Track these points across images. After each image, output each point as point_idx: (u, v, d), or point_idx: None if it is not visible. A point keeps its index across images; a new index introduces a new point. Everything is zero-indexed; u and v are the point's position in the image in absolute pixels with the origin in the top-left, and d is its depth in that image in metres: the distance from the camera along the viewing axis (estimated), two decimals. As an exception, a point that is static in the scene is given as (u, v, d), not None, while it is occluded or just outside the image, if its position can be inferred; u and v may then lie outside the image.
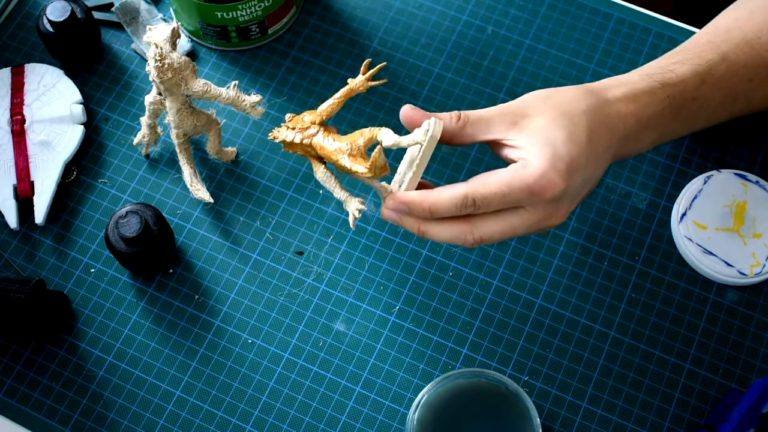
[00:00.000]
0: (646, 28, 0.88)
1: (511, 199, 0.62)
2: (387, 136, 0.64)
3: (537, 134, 0.62)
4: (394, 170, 0.68)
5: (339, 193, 0.68)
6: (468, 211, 0.63)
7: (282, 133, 0.69)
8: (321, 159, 0.68)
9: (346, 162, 0.65)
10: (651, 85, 0.67)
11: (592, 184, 0.66)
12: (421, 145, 0.63)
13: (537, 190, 0.61)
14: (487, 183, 0.62)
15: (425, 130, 0.63)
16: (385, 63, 0.69)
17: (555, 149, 0.62)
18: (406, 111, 0.65)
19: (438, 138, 0.63)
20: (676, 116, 0.68)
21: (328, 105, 0.69)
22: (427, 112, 0.65)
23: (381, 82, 0.70)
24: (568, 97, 0.64)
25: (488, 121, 0.64)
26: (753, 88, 0.71)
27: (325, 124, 0.69)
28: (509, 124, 0.63)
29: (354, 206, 0.67)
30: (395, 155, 0.82)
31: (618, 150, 0.66)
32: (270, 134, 0.70)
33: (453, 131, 0.64)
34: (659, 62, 0.70)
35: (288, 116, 0.70)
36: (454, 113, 0.64)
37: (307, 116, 0.69)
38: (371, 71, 0.69)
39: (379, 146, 0.64)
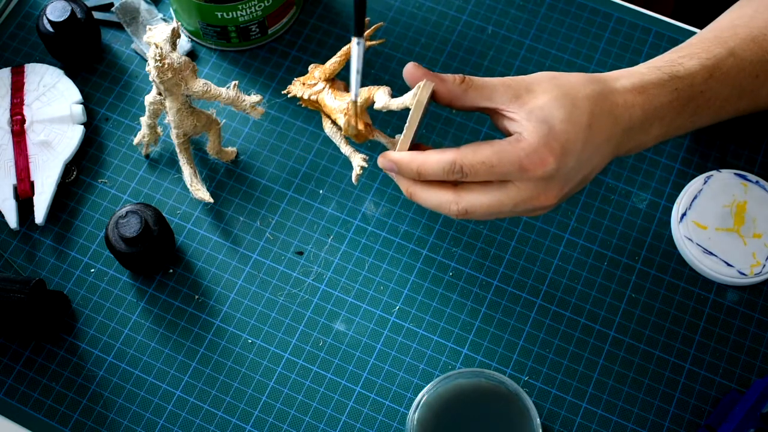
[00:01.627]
0: (646, 28, 0.88)
1: (500, 171, 0.61)
2: (380, 98, 0.66)
3: (536, 110, 0.62)
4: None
5: (344, 149, 0.70)
6: (455, 177, 0.62)
7: (294, 89, 0.72)
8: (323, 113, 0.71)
9: (341, 121, 0.67)
10: (660, 77, 0.67)
11: (587, 172, 0.65)
12: (410, 109, 0.64)
13: (527, 165, 0.61)
14: (477, 151, 0.62)
15: (414, 93, 0.64)
16: (382, 23, 0.69)
17: (551, 127, 0.61)
18: (409, 69, 0.65)
19: (425, 102, 0.63)
20: (684, 110, 0.68)
21: (332, 63, 0.71)
22: (431, 72, 0.64)
23: (379, 41, 0.71)
24: (575, 81, 0.64)
25: (492, 89, 0.64)
26: (759, 85, 0.71)
27: (334, 80, 0.71)
28: (512, 96, 0.63)
29: (357, 161, 0.68)
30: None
31: (621, 141, 0.65)
32: (285, 89, 0.73)
33: (455, 93, 0.64)
34: (666, 56, 0.70)
35: (310, 67, 0.72)
36: (458, 75, 0.64)
37: (317, 72, 0.71)
38: (369, 30, 0.69)
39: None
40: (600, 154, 0.64)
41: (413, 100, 0.63)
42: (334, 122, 0.70)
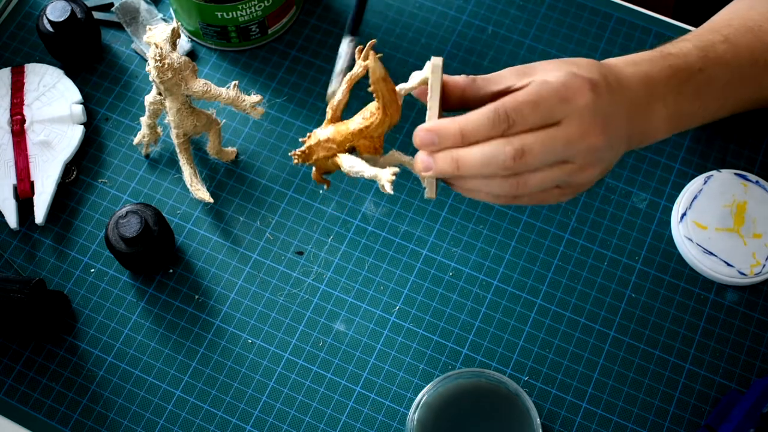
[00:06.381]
0: (646, 28, 0.88)
1: (544, 108, 0.61)
2: (401, 85, 0.66)
3: (547, 74, 0.63)
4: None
5: (370, 171, 0.65)
6: (502, 128, 0.61)
7: (308, 143, 0.68)
8: (341, 150, 0.67)
9: (357, 121, 0.66)
10: (651, 55, 0.68)
11: (618, 122, 0.64)
12: (429, 78, 0.64)
13: (566, 94, 0.61)
14: (515, 96, 0.62)
15: (427, 67, 0.64)
16: (374, 40, 0.68)
17: (570, 70, 0.62)
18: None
19: (440, 66, 0.63)
20: (684, 89, 0.68)
21: (338, 100, 0.68)
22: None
23: (377, 56, 0.70)
24: (570, 58, 0.66)
25: (497, 76, 0.65)
26: (759, 71, 0.71)
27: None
28: (519, 74, 0.64)
29: (386, 175, 0.64)
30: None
31: (632, 107, 0.65)
32: (295, 160, 0.69)
33: (464, 84, 0.65)
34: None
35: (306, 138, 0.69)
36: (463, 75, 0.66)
37: (319, 131, 0.68)
38: (363, 53, 0.68)
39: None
40: (621, 111, 0.64)
41: (428, 70, 0.64)
42: (350, 151, 0.67)
